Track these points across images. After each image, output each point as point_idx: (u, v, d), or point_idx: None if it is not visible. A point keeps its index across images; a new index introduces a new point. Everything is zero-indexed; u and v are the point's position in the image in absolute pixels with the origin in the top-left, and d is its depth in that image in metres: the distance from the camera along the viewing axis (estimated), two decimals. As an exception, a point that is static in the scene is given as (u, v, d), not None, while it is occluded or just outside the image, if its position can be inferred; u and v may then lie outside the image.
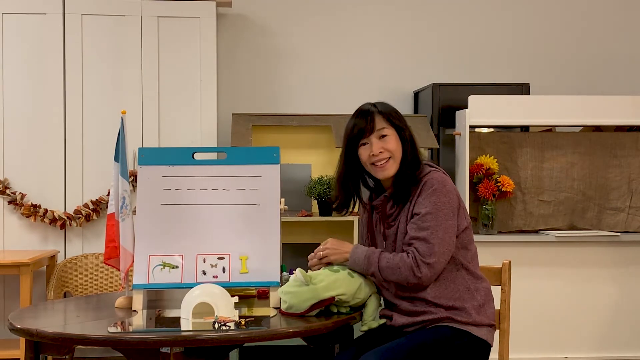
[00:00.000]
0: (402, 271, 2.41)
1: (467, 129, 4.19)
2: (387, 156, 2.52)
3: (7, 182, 4.33)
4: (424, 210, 2.43)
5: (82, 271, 4.30)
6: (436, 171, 2.53)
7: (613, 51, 5.16)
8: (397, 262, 2.43)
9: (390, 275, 2.44)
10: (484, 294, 2.50)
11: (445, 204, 2.44)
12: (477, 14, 5.10)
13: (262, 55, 4.95)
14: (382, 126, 2.53)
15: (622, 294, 4.26)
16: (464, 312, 2.43)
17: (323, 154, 4.59)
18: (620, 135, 4.43)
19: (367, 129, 2.52)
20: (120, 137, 2.72)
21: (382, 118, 2.54)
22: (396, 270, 2.42)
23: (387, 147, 2.51)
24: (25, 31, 4.36)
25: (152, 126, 4.43)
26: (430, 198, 2.44)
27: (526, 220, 4.36)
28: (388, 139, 2.52)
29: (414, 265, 2.40)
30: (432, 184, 2.46)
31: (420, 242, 2.42)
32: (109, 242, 2.71)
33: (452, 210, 2.46)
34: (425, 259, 2.40)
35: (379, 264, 2.45)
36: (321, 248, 2.57)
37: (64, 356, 2.38)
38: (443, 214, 2.43)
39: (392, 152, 2.52)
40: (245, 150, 2.75)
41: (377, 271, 2.45)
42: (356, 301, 2.49)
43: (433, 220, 2.42)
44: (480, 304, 2.47)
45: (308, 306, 2.41)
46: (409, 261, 2.41)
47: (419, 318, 2.45)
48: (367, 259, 2.47)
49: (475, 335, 2.43)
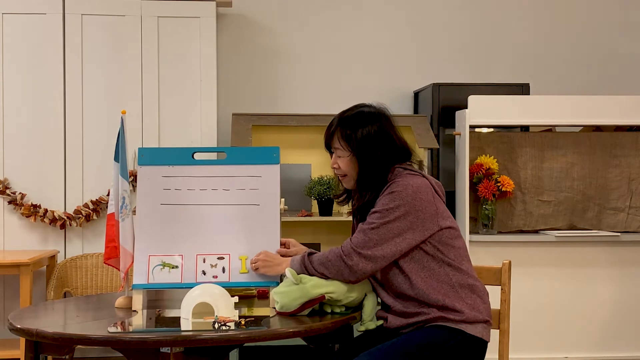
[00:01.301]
0: (333, 262, 2.43)
1: (467, 129, 4.19)
2: (341, 173, 2.56)
3: (7, 182, 4.33)
4: (373, 209, 2.45)
5: (82, 271, 4.30)
6: (413, 176, 2.48)
7: (613, 51, 5.17)
8: (326, 255, 2.46)
9: (324, 270, 2.45)
10: (475, 290, 2.46)
11: (398, 206, 2.40)
12: (477, 14, 5.10)
13: (262, 55, 4.95)
14: (336, 146, 2.56)
15: (622, 294, 4.26)
16: (456, 310, 2.41)
17: (323, 154, 4.53)
18: (620, 135, 4.43)
19: (326, 145, 2.62)
20: (120, 137, 2.72)
21: (340, 136, 2.54)
22: (327, 263, 2.45)
23: (341, 163, 2.55)
24: (25, 31, 4.36)
25: (152, 126, 4.43)
26: (383, 199, 2.44)
27: (526, 220, 4.36)
28: (341, 159, 2.55)
29: (343, 254, 2.42)
30: (392, 188, 2.44)
31: (358, 234, 2.44)
32: (109, 242, 2.71)
33: (406, 213, 2.41)
34: (358, 249, 2.41)
35: (312, 264, 2.47)
36: (253, 259, 2.57)
37: (64, 356, 2.38)
38: (392, 215, 2.40)
39: (345, 169, 2.54)
40: (245, 150, 2.75)
41: (314, 271, 2.47)
42: (350, 300, 2.49)
43: (379, 219, 2.42)
44: (472, 301, 2.44)
45: (298, 305, 2.43)
46: (338, 251, 2.44)
47: (412, 319, 2.44)
48: (301, 264, 2.50)
49: (469, 334, 2.41)
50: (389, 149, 2.52)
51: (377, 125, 2.52)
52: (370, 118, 2.54)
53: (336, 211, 4.38)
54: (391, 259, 2.42)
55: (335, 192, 2.75)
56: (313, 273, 2.47)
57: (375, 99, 2.68)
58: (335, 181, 2.70)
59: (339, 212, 4.39)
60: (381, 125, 2.53)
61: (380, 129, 2.52)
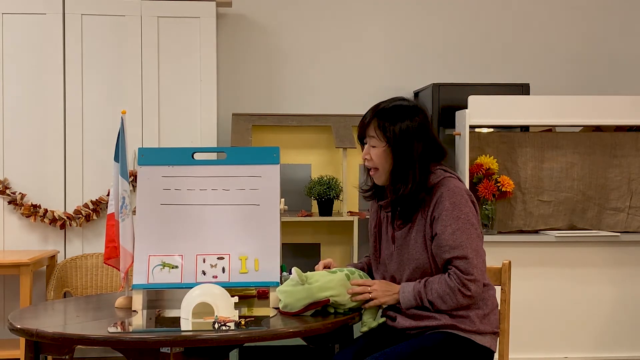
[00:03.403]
0: (452, 297, 2.38)
1: (467, 129, 4.18)
2: (372, 166, 2.49)
3: (7, 182, 4.33)
4: (450, 228, 2.39)
5: (82, 271, 4.30)
6: (450, 178, 2.47)
7: (613, 51, 5.16)
8: (444, 290, 2.39)
9: (442, 305, 2.40)
10: (490, 302, 2.49)
11: (467, 214, 2.41)
12: (477, 14, 5.10)
13: (262, 55, 4.95)
14: (371, 134, 2.48)
15: (621, 294, 4.25)
16: (469, 320, 2.42)
17: (323, 154, 4.59)
18: (620, 135, 4.43)
19: (360, 136, 2.53)
20: (120, 137, 2.72)
21: (377, 126, 2.47)
22: (446, 298, 2.39)
23: (373, 156, 2.48)
24: (25, 31, 4.36)
25: (152, 126, 4.43)
26: (452, 213, 2.40)
27: (526, 220, 4.36)
28: (375, 150, 2.48)
29: (460, 286, 2.37)
30: (448, 196, 2.40)
31: (459, 261, 2.38)
32: (109, 242, 2.71)
33: (475, 217, 2.44)
34: (468, 276, 2.37)
35: (428, 298, 2.41)
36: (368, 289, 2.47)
37: (64, 356, 2.38)
38: (469, 224, 2.40)
39: (377, 162, 2.47)
40: (245, 150, 2.75)
41: (429, 305, 2.41)
42: (353, 304, 2.49)
43: (462, 235, 2.38)
44: (485, 312, 2.46)
45: (303, 305, 2.42)
46: (454, 285, 2.38)
47: (422, 323, 2.43)
48: (416, 297, 2.42)
49: (477, 343, 2.42)
50: (427, 146, 2.47)
51: (417, 121, 2.47)
52: (409, 112, 2.48)
53: (336, 211, 4.38)
54: (485, 264, 2.46)
55: (360, 187, 2.65)
56: (426, 303, 2.41)
57: (375, 99, 2.68)
58: (362, 178, 2.62)
59: (339, 212, 4.39)
60: (421, 121, 2.47)
61: (420, 125, 2.47)
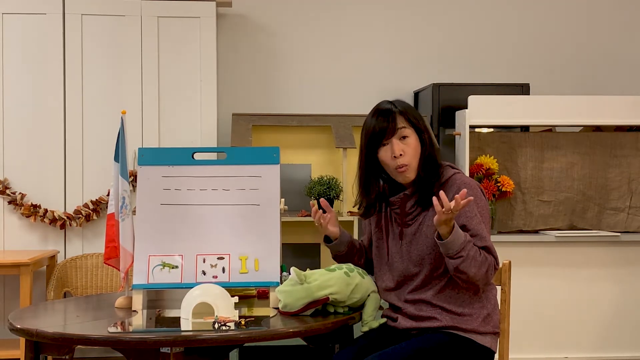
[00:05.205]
0: (484, 266, 2.35)
1: (467, 129, 4.19)
2: (406, 162, 2.45)
3: (7, 182, 4.33)
4: (476, 218, 2.40)
5: (82, 271, 4.31)
6: (461, 174, 2.51)
7: (613, 51, 5.16)
8: (481, 258, 2.35)
9: (472, 264, 2.32)
10: (492, 302, 2.50)
11: (486, 207, 2.48)
12: (477, 14, 5.10)
13: (262, 55, 4.95)
14: (402, 125, 2.48)
15: (622, 294, 4.26)
16: (470, 320, 2.42)
17: (323, 154, 4.59)
18: (620, 135, 4.43)
19: (389, 130, 2.47)
20: (120, 137, 2.72)
21: (403, 118, 2.50)
22: (480, 264, 2.34)
23: (407, 148, 2.46)
24: (25, 31, 4.36)
25: (152, 126, 4.43)
26: (476, 205, 2.42)
27: (526, 220, 4.36)
28: (408, 140, 2.48)
29: (492, 269, 2.39)
30: (469, 188, 2.39)
31: (485, 251, 2.39)
32: (109, 242, 2.71)
33: (486, 203, 2.51)
34: (497, 266, 2.43)
35: (469, 251, 2.32)
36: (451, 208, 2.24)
37: (64, 356, 2.38)
38: (487, 219, 2.46)
39: (412, 154, 2.46)
40: (245, 151, 2.75)
41: (463, 257, 2.31)
42: (353, 301, 2.48)
43: (486, 228, 2.43)
44: (486, 312, 2.46)
45: (302, 305, 2.42)
46: (491, 260, 2.38)
47: (423, 324, 2.44)
48: (464, 243, 2.31)
49: (478, 344, 2.43)
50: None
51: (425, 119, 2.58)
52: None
53: (336, 211, 4.37)
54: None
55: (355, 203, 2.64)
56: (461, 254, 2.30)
57: (375, 99, 2.68)
58: (356, 189, 2.59)
59: (339, 212, 4.39)
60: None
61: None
